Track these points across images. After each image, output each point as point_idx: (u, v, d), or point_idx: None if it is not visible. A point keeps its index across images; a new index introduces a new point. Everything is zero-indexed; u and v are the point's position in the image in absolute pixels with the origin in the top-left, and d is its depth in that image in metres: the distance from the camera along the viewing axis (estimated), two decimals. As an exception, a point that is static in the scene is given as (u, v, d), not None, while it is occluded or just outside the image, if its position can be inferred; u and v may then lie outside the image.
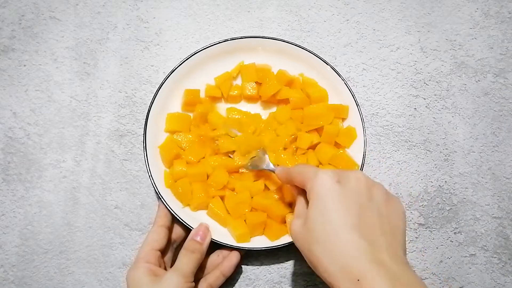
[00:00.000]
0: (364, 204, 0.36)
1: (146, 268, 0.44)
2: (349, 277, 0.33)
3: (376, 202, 0.37)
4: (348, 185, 0.37)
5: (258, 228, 0.49)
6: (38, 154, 0.56)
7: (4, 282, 0.52)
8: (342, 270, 0.33)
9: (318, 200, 0.36)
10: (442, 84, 0.59)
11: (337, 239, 0.34)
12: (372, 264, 0.32)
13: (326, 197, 0.36)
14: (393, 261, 0.33)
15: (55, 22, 0.60)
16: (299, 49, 0.55)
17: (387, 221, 0.36)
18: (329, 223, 0.35)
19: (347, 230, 0.34)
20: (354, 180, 0.37)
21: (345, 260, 0.33)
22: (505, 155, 0.57)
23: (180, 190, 0.50)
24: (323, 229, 0.35)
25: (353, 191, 0.36)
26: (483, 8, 0.62)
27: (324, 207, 0.36)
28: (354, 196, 0.36)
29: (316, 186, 0.37)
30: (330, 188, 0.36)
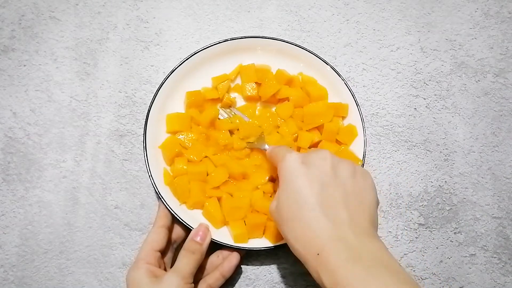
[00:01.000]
0: (328, 182, 0.37)
1: (146, 269, 0.44)
2: (311, 253, 0.35)
3: (341, 179, 0.38)
4: (312, 165, 0.38)
5: (257, 229, 0.49)
6: (38, 154, 0.56)
7: (4, 282, 0.52)
8: (306, 247, 0.35)
9: (284, 181, 0.38)
10: (442, 84, 0.59)
11: (301, 217, 0.36)
12: (330, 239, 0.34)
13: (291, 178, 0.38)
14: (353, 234, 0.35)
15: (55, 22, 0.60)
16: (299, 49, 0.55)
17: (353, 196, 0.37)
18: (293, 203, 0.37)
19: (309, 208, 0.36)
20: (319, 160, 0.38)
21: (308, 237, 0.35)
22: (505, 155, 0.57)
23: (178, 187, 0.50)
24: (289, 209, 0.37)
25: (317, 170, 0.38)
26: (483, 8, 0.62)
27: (289, 188, 0.38)
28: (318, 175, 0.37)
29: (283, 168, 0.39)
30: (295, 169, 0.38)
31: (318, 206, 0.36)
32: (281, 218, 0.38)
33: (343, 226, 0.35)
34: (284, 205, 0.38)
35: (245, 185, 0.51)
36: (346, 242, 0.34)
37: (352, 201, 0.37)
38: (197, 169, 0.51)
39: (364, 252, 0.34)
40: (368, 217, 0.37)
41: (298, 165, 0.38)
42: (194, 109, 0.53)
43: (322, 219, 0.35)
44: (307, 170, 0.38)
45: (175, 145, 0.52)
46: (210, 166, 0.52)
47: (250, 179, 0.52)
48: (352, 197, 0.37)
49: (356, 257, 0.33)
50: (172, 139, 0.52)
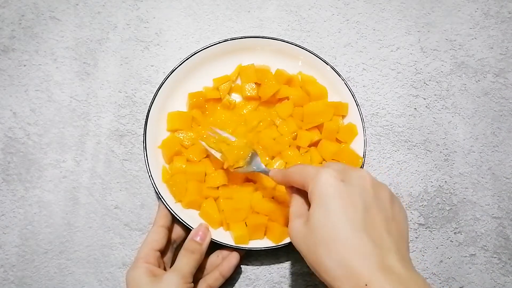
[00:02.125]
0: (370, 204, 0.34)
1: (145, 268, 0.44)
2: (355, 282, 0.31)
3: (381, 201, 0.35)
4: (352, 183, 0.35)
5: (258, 231, 0.49)
6: (38, 154, 0.56)
7: (4, 282, 0.52)
8: (348, 274, 0.31)
9: (322, 199, 0.35)
10: (442, 84, 0.59)
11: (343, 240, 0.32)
12: (380, 269, 0.31)
13: (330, 196, 0.34)
14: (401, 265, 0.32)
15: (55, 22, 0.60)
16: (299, 49, 0.55)
17: (393, 221, 0.35)
18: (334, 224, 0.33)
19: (353, 231, 0.33)
20: (359, 179, 0.36)
21: (352, 264, 0.32)
22: (505, 155, 0.57)
23: (175, 184, 0.50)
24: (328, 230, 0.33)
25: (358, 189, 0.35)
26: (483, 8, 0.62)
27: (329, 207, 0.34)
28: (359, 195, 0.34)
29: (319, 186, 0.35)
30: (334, 187, 0.34)
31: (363, 230, 0.33)
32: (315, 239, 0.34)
33: (390, 254, 0.32)
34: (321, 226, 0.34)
35: (244, 188, 0.51)
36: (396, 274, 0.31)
37: (393, 228, 0.34)
38: (196, 169, 0.51)
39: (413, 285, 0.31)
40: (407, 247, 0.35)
41: (337, 182, 0.35)
42: (197, 110, 0.53)
43: (369, 244, 0.32)
44: (348, 188, 0.34)
45: (175, 143, 0.52)
46: (209, 167, 0.51)
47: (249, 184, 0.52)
48: (393, 224, 0.35)
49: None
50: (172, 137, 0.52)
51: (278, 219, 0.49)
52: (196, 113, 0.53)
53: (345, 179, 0.35)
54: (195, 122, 0.53)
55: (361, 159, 0.51)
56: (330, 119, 0.53)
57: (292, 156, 0.52)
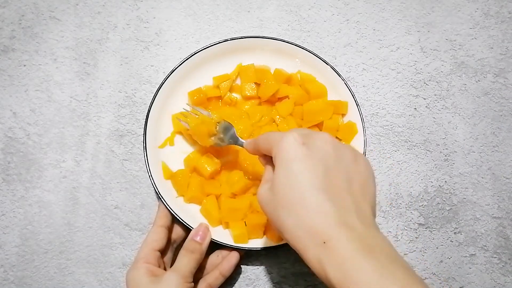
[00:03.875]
0: (331, 166, 0.34)
1: (145, 269, 0.44)
2: (315, 240, 0.32)
3: (344, 163, 0.35)
4: (314, 146, 0.35)
5: (257, 230, 0.49)
6: (38, 154, 0.56)
7: (4, 282, 0.52)
8: (309, 233, 0.32)
9: (284, 163, 0.35)
10: (442, 84, 0.59)
11: (303, 201, 0.33)
12: (338, 226, 0.31)
13: (291, 159, 0.34)
14: (359, 222, 0.32)
15: (55, 22, 0.60)
16: (299, 49, 0.55)
17: (355, 181, 0.35)
18: (295, 186, 0.34)
19: (313, 192, 0.33)
20: (321, 141, 0.36)
21: (312, 223, 0.32)
22: (505, 155, 0.57)
23: (178, 179, 0.50)
24: (289, 192, 0.34)
25: (319, 152, 0.35)
26: (483, 8, 0.62)
27: (290, 170, 0.34)
28: (320, 158, 0.34)
29: (282, 150, 0.35)
30: (295, 150, 0.35)
31: (322, 190, 0.33)
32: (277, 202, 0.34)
33: (350, 213, 0.32)
34: (282, 188, 0.34)
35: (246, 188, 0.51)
36: (355, 230, 0.31)
37: (356, 188, 0.35)
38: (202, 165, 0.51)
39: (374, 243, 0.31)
40: (370, 206, 0.35)
41: (299, 146, 0.35)
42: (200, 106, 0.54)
43: (328, 203, 0.32)
44: (309, 151, 0.35)
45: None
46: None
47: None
48: (355, 184, 0.35)
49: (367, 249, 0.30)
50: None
51: None
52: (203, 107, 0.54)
53: (307, 142, 0.35)
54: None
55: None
56: (330, 118, 0.53)
57: None
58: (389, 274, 0.29)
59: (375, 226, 0.33)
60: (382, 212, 0.55)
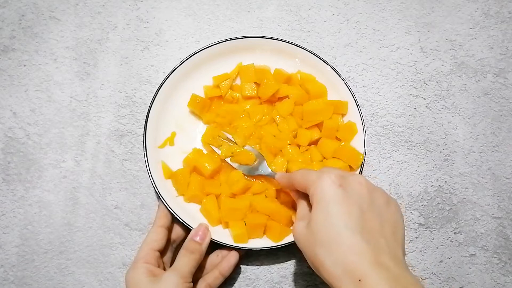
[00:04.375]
0: (366, 208, 0.37)
1: (145, 268, 0.44)
2: (351, 278, 0.34)
3: (377, 205, 0.38)
4: (350, 189, 0.38)
5: (257, 230, 0.49)
6: (38, 154, 0.56)
7: (4, 282, 0.52)
8: (345, 272, 0.34)
9: (322, 203, 0.37)
10: (442, 84, 0.59)
11: (340, 241, 0.35)
12: (373, 266, 0.33)
13: (329, 201, 0.37)
14: (393, 263, 0.34)
15: (55, 22, 0.60)
16: (299, 49, 0.55)
17: (388, 224, 0.37)
18: (332, 226, 0.36)
19: (349, 233, 0.35)
20: (356, 184, 0.38)
21: (348, 262, 0.34)
22: (505, 155, 0.57)
23: (178, 179, 0.50)
24: (327, 232, 0.36)
25: (355, 195, 0.37)
26: (483, 8, 0.62)
27: (328, 211, 0.37)
28: (356, 200, 0.37)
29: (319, 190, 0.38)
30: (333, 192, 0.37)
31: (358, 231, 0.35)
32: (315, 241, 0.37)
33: (384, 253, 0.35)
34: (321, 228, 0.37)
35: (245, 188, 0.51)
36: (389, 271, 0.34)
37: (387, 229, 0.37)
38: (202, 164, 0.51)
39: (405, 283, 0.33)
40: (401, 247, 0.37)
41: (336, 188, 0.37)
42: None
43: (363, 244, 0.35)
44: (346, 194, 0.37)
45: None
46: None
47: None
48: (387, 225, 0.37)
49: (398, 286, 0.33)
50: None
51: (279, 218, 0.49)
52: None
53: (344, 184, 0.38)
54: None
55: (361, 156, 0.51)
56: (329, 117, 0.53)
57: (293, 154, 0.52)
58: None
59: (407, 267, 0.36)
60: (382, 212, 0.55)
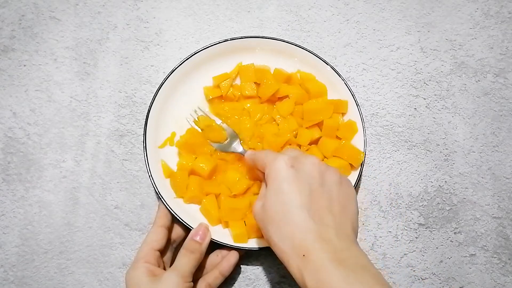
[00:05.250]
0: (315, 188, 0.39)
1: (145, 268, 0.44)
2: (297, 254, 0.36)
3: (328, 185, 0.40)
4: (302, 169, 0.40)
5: (257, 230, 0.49)
6: (38, 154, 0.56)
7: (4, 282, 0.52)
8: (292, 247, 0.37)
9: (274, 183, 0.39)
10: (442, 84, 0.59)
11: (288, 219, 0.37)
12: (317, 241, 0.36)
13: (281, 180, 0.39)
14: (337, 238, 0.36)
15: (55, 22, 0.60)
16: (299, 49, 0.55)
17: (337, 203, 0.39)
18: (282, 204, 0.38)
19: (297, 211, 0.37)
20: (308, 165, 0.40)
21: (294, 238, 0.37)
22: (505, 155, 0.57)
23: (177, 180, 0.50)
24: (277, 210, 0.38)
25: (306, 175, 0.39)
26: (483, 8, 0.62)
27: (278, 190, 0.39)
28: (306, 180, 0.39)
29: (273, 171, 0.40)
30: (284, 172, 0.39)
31: (306, 210, 0.37)
32: (267, 218, 0.39)
33: (329, 229, 0.37)
34: (272, 206, 0.39)
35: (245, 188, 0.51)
36: (331, 244, 0.36)
37: (337, 208, 0.39)
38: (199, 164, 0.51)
39: (347, 255, 0.35)
40: (350, 224, 0.39)
41: (288, 169, 0.39)
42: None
43: (310, 221, 0.37)
44: (297, 174, 0.39)
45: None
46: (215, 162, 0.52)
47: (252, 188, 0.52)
48: (336, 204, 0.39)
49: (340, 259, 0.35)
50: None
51: None
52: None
53: (296, 165, 0.40)
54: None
55: (362, 154, 0.51)
56: (330, 117, 0.53)
57: None
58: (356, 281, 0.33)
59: (352, 240, 0.38)
60: (382, 212, 0.55)
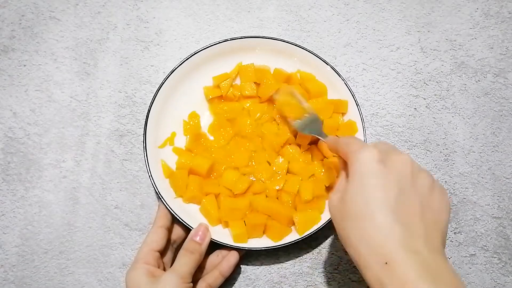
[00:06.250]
0: (406, 189, 0.34)
1: (144, 269, 0.44)
2: (377, 259, 0.32)
3: (419, 189, 0.35)
4: (391, 165, 0.35)
5: (257, 230, 0.49)
6: (38, 154, 0.56)
7: (4, 282, 0.52)
8: (371, 251, 0.32)
9: (357, 176, 0.35)
10: (442, 84, 0.59)
11: (371, 218, 0.33)
12: (403, 249, 0.31)
13: (365, 174, 0.34)
14: (427, 249, 0.32)
15: (55, 22, 0.60)
16: (299, 49, 0.55)
17: (430, 210, 0.35)
18: (365, 202, 0.34)
19: (383, 211, 0.33)
20: (399, 162, 0.35)
21: (376, 241, 0.32)
22: (505, 155, 0.57)
23: (176, 180, 0.50)
24: (359, 207, 0.34)
25: (396, 173, 0.35)
26: (483, 8, 0.62)
27: (363, 185, 0.34)
28: (396, 179, 0.34)
29: (358, 162, 0.35)
30: (371, 165, 0.35)
31: (393, 211, 0.33)
32: (346, 214, 0.35)
33: (417, 237, 0.32)
34: (352, 201, 0.34)
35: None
36: (421, 256, 0.31)
37: (429, 216, 0.34)
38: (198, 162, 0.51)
39: (438, 271, 0.31)
40: (441, 236, 0.34)
41: (375, 163, 0.35)
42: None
43: (396, 225, 0.32)
44: (386, 170, 0.34)
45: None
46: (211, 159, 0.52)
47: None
48: (427, 211, 0.34)
49: (430, 275, 0.30)
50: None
51: (279, 218, 0.49)
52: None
53: (385, 160, 0.35)
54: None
55: None
56: (329, 117, 0.53)
57: (294, 154, 0.52)
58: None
59: (443, 255, 0.33)
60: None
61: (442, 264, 0.32)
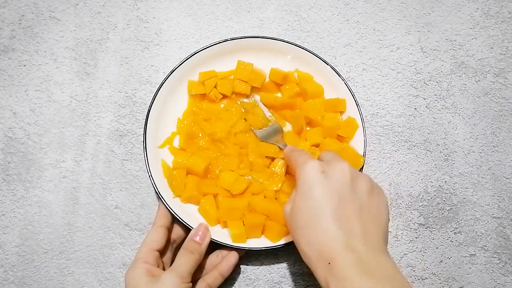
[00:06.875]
0: (345, 195, 0.38)
1: (144, 269, 0.44)
2: (322, 261, 0.35)
3: (358, 193, 0.39)
4: (332, 176, 0.39)
5: (256, 230, 0.49)
6: (38, 154, 0.56)
7: (4, 282, 0.52)
8: (318, 254, 0.36)
9: (303, 187, 0.39)
10: (442, 84, 0.59)
11: (315, 225, 0.37)
12: (342, 249, 0.35)
13: (310, 186, 0.38)
14: (365, 247, 0.35)
15: (55, 22, 0.60)
16: (299, 49, 0.55)
17: (368, 212, 0.38)
18: (309, 210, 0.38)
19: (325, 218, 0.36)
20: (339, 172, 0.39)
21: (321, 246, 0.36)
22: (505, 155, 0.57)
23: (174, 179, 0.50)
24: (304, 215, 0.38)
25: (336, 181, 0.38)
26: (483, 8, 0.62)
27: (307, 195, 0.38)
28: (336, 186, 0.38)
29: (303, 174, 0.39)
30: (314, 177, 0.38)
31: (333, 217, 0.36)
32: (295, 223, 0.39)
33: (356, 238, 0.36)
34: (300, 211, 0.38)
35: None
36: (358, 254, 0.35)
37: (366, 216, 0.38)
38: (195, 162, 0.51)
39: (374, 265, 0.34)
40: (381, 233, 0.38)
41: (318, 174, 0.39)
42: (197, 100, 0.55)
43: (337, 229, 0.36)
44: (327, 180, 0.38)
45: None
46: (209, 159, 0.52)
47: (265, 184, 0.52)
48: (366, 212, 0.38)
49: (367, 271, 0.34)
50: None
51: (277, 218, 0.49)
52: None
53: (326, 170, 0.39)
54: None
55: (362, 159, 0.51)
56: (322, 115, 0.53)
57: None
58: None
59: (381, 250, 0.37)
60: (382, 212, 0.55)
61: (380, 259, 0.35)
